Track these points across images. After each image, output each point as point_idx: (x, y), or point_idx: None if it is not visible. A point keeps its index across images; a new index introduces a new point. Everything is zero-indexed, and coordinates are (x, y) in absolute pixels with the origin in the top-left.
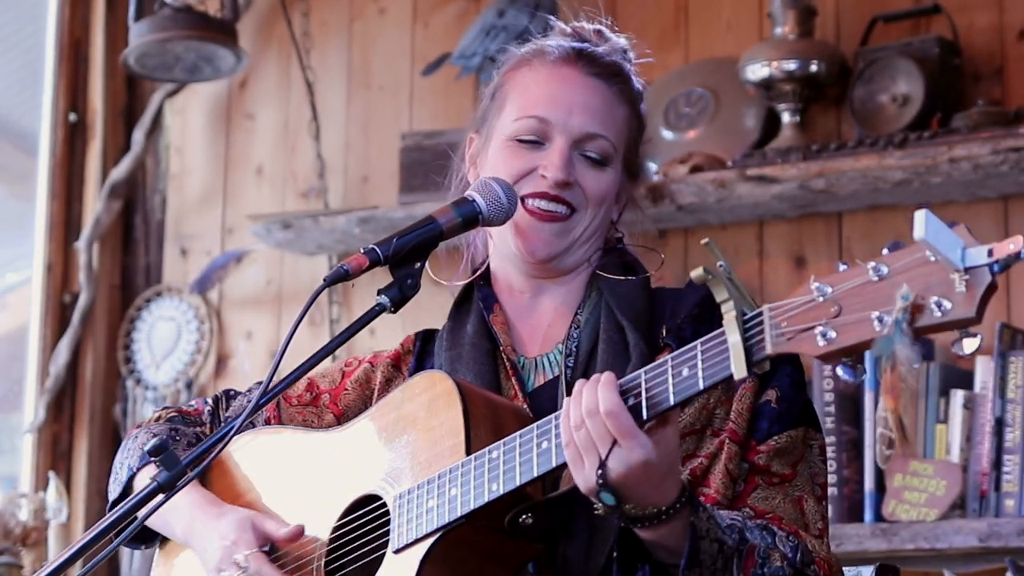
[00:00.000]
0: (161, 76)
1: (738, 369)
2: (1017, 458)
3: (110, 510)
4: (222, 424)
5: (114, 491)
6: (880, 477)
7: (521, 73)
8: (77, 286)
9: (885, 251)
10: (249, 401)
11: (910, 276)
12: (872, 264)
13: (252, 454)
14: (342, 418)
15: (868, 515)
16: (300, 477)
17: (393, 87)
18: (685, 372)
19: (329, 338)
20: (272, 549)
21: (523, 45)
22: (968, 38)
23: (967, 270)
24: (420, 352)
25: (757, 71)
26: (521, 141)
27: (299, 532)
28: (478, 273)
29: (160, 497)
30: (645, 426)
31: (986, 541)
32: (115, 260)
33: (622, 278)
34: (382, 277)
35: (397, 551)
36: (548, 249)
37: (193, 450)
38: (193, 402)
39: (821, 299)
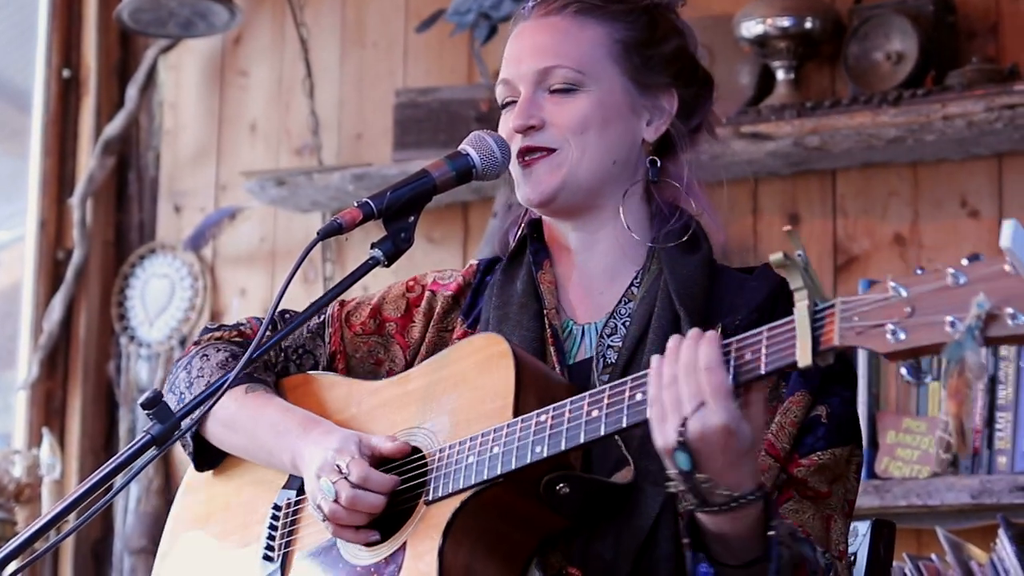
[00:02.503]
0: (155, 32)
1: (802, 357)
2: (1009, 415)
3: (192, 437)
4: (281, 352)
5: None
6: (873, 434)
7: None
8: (71, 243)
9: (964, 261)
10: (308, 329)
11: (988, 286)
12: (951, 270)
13: (305, 394)
14: (408, 351)
15: (861, 472)
16: (347, 423)
17: (387, 44)
18: (748, 356)
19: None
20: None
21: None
22: None
23: None
24: (478, 286)
25: (752, 28)
26: (504, 109)
27: (406, 449)
28: (525, 226)
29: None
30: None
31: (978, 498)
32: (109, 217)
33: (682, 254)
34: (376, 236)
35: (430, 502)
36: (540, 188)
37: (187, 402)
38: (244, 320)
39: (896, 299)
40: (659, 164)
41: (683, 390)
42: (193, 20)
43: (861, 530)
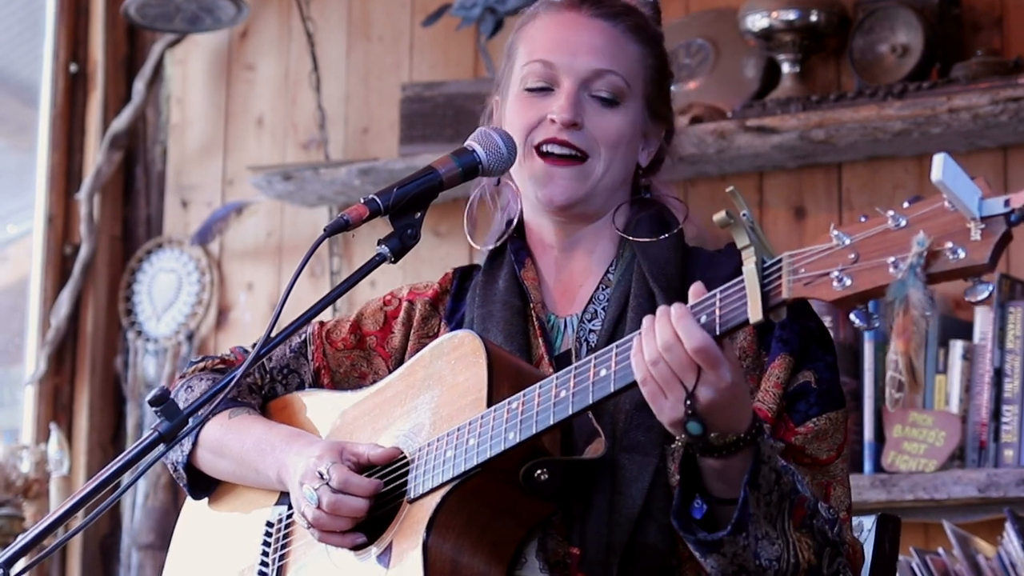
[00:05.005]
0: (162, 26)
1: (754, 313)
2: (1016, 408)
3: (184, 468)
4: (267, 374)
5: (178, 449)
6: (880, 428)
7: (528, 27)
8: (78, 238)
9: (905, 204)
10: (291, 350)
11: (928, 225)
12: (891, 213)
13: (290, 413)
14: (390, 360)
15: (867, 466)
16: (331, 435)
17: (393, 38)
18: (703, 319)
19: (330, 290)
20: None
21: (532, 3)
22: None
23: (983, 219)
24: (457, 291)
25: (757, 21)
26: (531, 91)
27: (393, 454)
28: (512, 226)
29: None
30: None
31: (985, 491)
32: (116, 211)
33: (654, 239)
34: (383, 230)
35: (413, 500)
36: (566, 194)
37: (195, 400)
38: (229, 351)
39: (839, 246)
40: (649, 184)
41: (673, 365)
42: (200, 15)
43: (867, 525)
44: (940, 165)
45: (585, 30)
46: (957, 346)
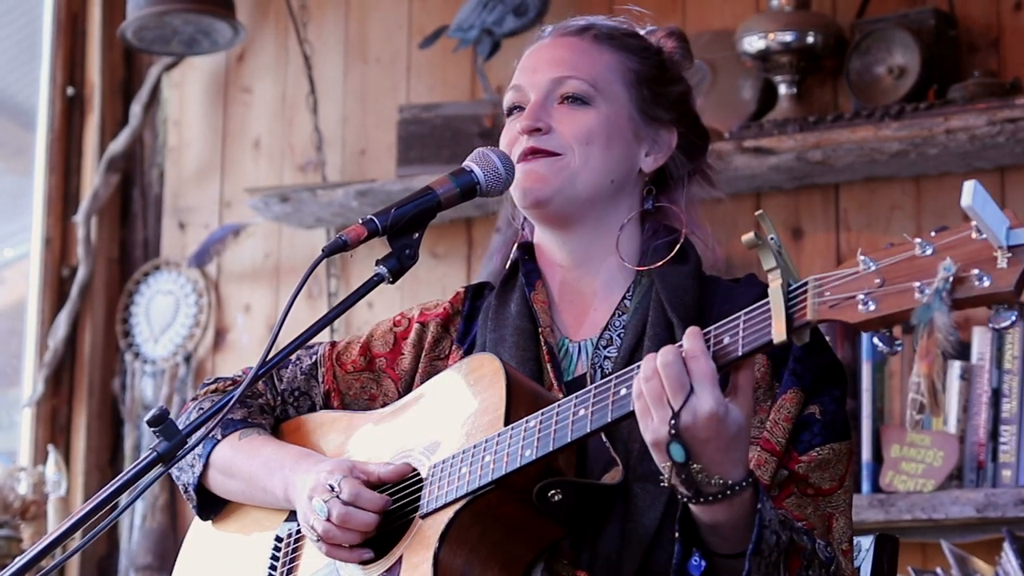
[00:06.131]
0: (159, 49)
1: (778, 334)
2: (1014, 428)
3: (195, 490)
4: (278, 395)
5: (190, 471)
6: (878, 448)
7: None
8: (75, 260)
9: (932, 232)
10: (302, 372)
11: (955, 252)
12: (918, 240)
13: (302, 434)
14: (400, 383)
15: (865, 486)
16: (344, 455)
17: (390, 60)
18: (727, 340)
19: (327, 311)
20: None
21: (529, 26)
22: (964, 9)
23: (1011, 248)
24: (469, 312)
25: (754, 43)
26: (509, 115)
27: (404, 471)
28: (521, 249)
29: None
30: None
31: (983, 511)
32: (113, 234)
33: (668, 266)
34: (381, 252)
35: (425, 515)
36: (538, 187)
37: (193, 420)
38: (240, 371)
39: (865, 271)
40: (655, 193)
41: (665, 382)
42: (197, 38)
43: (864, 544)
44: (970, 191)
45: (548, 49)
46: (955, 366)
